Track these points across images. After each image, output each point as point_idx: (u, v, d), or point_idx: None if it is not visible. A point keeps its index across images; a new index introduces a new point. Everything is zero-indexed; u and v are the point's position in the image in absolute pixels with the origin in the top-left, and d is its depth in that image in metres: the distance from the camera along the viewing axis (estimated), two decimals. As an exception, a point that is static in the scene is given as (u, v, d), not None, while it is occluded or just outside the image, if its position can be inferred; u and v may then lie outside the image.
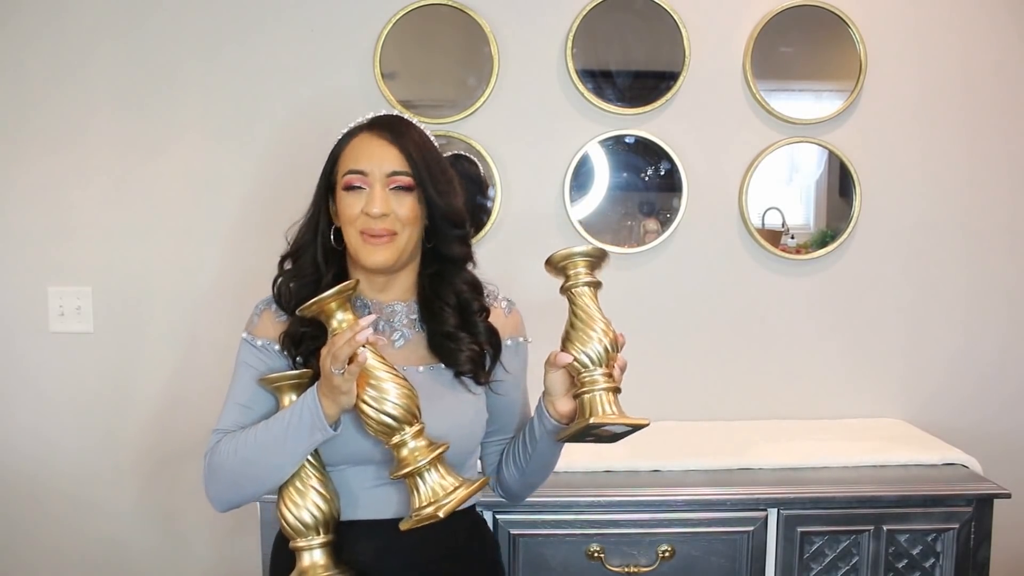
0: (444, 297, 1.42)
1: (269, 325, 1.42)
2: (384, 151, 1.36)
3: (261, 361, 1.40)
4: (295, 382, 1.36)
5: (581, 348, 1.28)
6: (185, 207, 2.32)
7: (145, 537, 2.40)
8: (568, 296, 1.32)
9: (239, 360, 1.42)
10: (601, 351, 1.28)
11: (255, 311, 1.44)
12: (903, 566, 1.96)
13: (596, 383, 1.28)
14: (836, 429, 2.31)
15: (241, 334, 1.44)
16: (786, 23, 2.31)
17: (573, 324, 1.30)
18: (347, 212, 1.36)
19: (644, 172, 2.36)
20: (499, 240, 2.33)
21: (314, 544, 1.34)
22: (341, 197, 1.37)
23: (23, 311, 2.33)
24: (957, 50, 2.35)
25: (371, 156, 1.36)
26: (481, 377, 1.42)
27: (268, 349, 1.41)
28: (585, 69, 2.30)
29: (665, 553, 1.92)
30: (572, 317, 1.31)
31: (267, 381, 1.36)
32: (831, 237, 2.37)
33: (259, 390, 1.39)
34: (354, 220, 1.36)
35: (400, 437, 1.26)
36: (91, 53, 2.28)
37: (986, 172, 2.38)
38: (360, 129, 1.40)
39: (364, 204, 1.34)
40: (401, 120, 1.41)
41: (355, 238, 1.36)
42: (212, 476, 1.36)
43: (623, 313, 2.36)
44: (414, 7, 2.27)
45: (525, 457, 1.46)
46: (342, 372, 1.23)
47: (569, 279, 1.32)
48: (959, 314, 2.41)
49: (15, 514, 2.38)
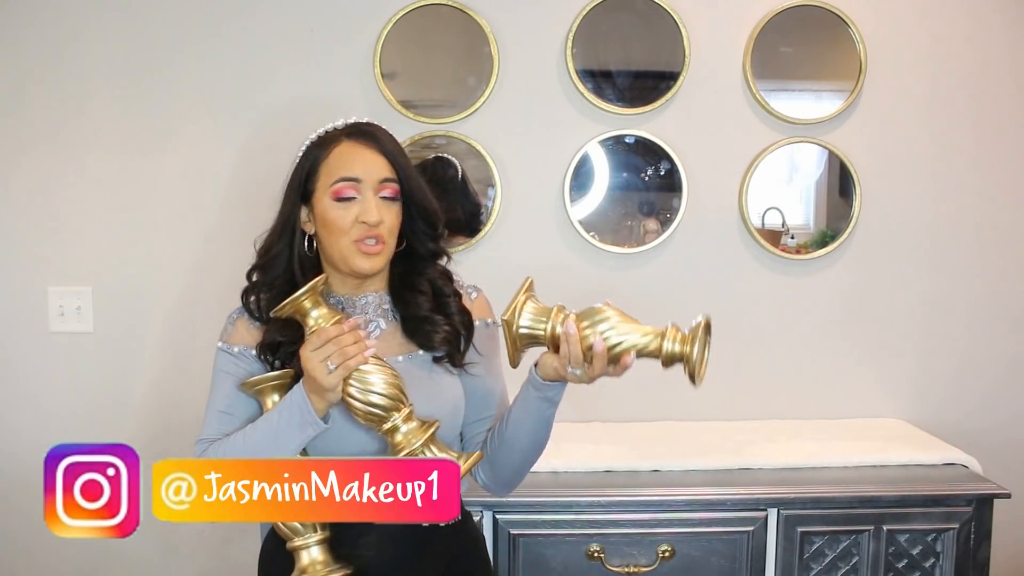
0: (417, 285, 1.44)
1: (244, 332, 1.43)
2: (374, 159, 1.38)
3: (239, 367, 1.41)
4: (277, 383, 1.37)
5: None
6: (185, 207, 2.32)
7: (144, 538, 2.39)
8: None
9: (216, 369, 1.43)
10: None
11: (228, 321, 1.45)
12: (903, 566, 1.96)
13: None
14: (836, 429, 2.31)
15: (217, 343, 1.45)
16: (786, 23, 2.31)
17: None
18: (339, 222, 1.36)
19: (644, 172, 2.36)
20: (499, 240, 2.32)
21: (311, 542, 1.35)
22: (329, 206, 1.37)
23: (23, 311, 2.33)
24: (957, 50, 2.35)
25: (364, 164, 1.37)
26: (457, 359, 1.44)
27: (245, 355, 1.42)
28: (585, 69, 2.30)
29: (665, 553, 1.92)
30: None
31: (248, 385, 1.37)
32: (831, 237, 2.37)
33: (239, 396, 1.39)
34: (347, 230, 1.36)
35: (392, 423, 1.30)
36: (90, 53, 2.28)
37: (987, 171, 2.38)
38: (338, 137, 1.40)
39: (359, 213, 1.36)
40: (378, 127, 1.43)
41: (347, 247, 1.37)
42: None
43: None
44: (414, 7, 2.27)
45: (516, 421, 1.41)
46: (334, 369, 1.26)
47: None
48: (959, 314, 2.41)
49: (15, 514, 2.37)
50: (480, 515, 1.90)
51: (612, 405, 2.38)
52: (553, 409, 1.40)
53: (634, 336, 1.30)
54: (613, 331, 1.29)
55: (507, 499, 1.89)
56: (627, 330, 1.30)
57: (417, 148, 2.29)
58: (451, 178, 2.31)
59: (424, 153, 2.31)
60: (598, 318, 1.30)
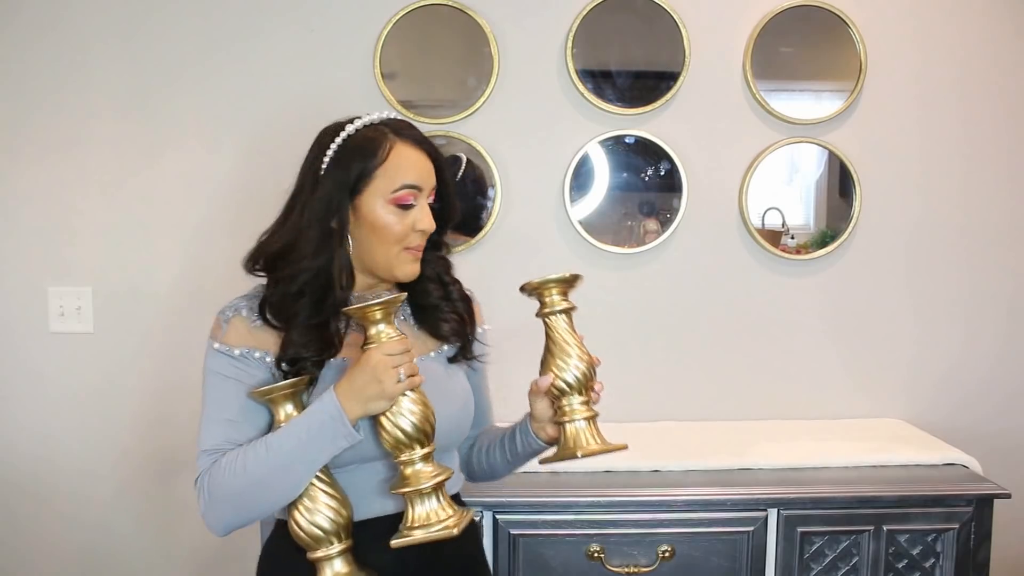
0: (425, 273, 1.43)
1: (244, 333, 1.33)
2: (428, 166, 1.36)
3: (242, 371, 1.32)
4: (291, 391, 1.29)
5: (558, 375, 1.34)
6: (185, 207, 2.32)
7: (145, 536, 2.40)
8: (544, 322, 1.37)
9: (213, 372, 1.33)
10: (579, 376, 1.34)
11: (223, 319, 1.35)
12: (903, 566, 1.96)
13: (576, 412, 1.35)
14: (836, 429, 2.31)
15: (211, 344, 1.34)
16: (786, 23, 2.31)
17: (550, 350, 1.36)
18: (394, 228, 1.33)
19: (644, 172, 2.36)
20: (499, 240, 2.33)
21: (333, 553, 1.29)
22: (384, 211, 1.32)
23: (23, 311, 2.33)
24: (957, 50, 2.35)
25: (423, 171, 1.35)
26: (468, 351, 1.45)
27: (248, 358, 1.32)
28: (585, 69, 2.30)
29: (665, 553, 1.92)
30: (549, 343, 1.36)
31: (260, 393, 1.28)
32: (831, 237, 2.37)
33: (248, 403, 1.31)
34: (402, 237, 1.34)
35: (409, 455, 1.28)
36: (90, 53, 2.28)
37: (986, 172, 2.38)
38: (386, 135, 1.34)
39: (416, 221, 1.34)
40: (417, 128, 1.40)
41: (396, 253, 1.34)
42: (213, 501, 1.28)
43: (623, 313, 2.38)
44: (414, 7, 2.27)
45: (502, 462, 1.50)
46: (403, 380, 1.24)
47: (544, 306, 1.36)
48: (959, 314, 2.41)
49: (16, 513, 2.38)
50: (480, 515, 1.90)
51: (613, 405, 2.38)
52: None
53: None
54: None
55: (507, 499, 1.91)
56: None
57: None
58: (457, 177, 2.31)
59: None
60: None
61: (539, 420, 1.41)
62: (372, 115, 1.37)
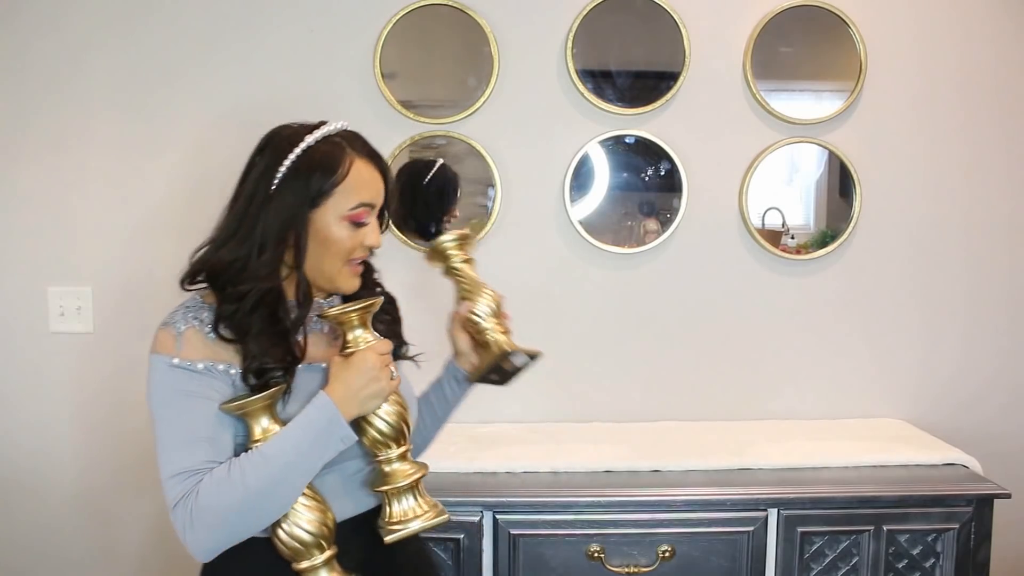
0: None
1: (201, 346, 1.28)
2: (380, 184, 1.38)
3: (207, 386, 1.26)
4: (268, 403, 1.26)
5: (475, 308, 1.50)
6: (185, 207, 2.31)
7: (144, 536, 2.40)
8: (452, 275, 1.53)
9: (174, 390, 1.25)
10: (493, 305, 1.51)
11: (174, 331, 1.28)
12: (903, 566, 1.96)
13: (495, 329, 1.51)
14: (836, 429, 2.31)
15: (167, 361, 1.26)
16: (786, 23, 2.31)
17: (463, 294, 1.52)
18: (345, 243, 1.33)
19: (644, 172, 2.36)
20: (499, 240, 2.32)
21: (318, 564, 1.28)
22: (337, 226, 1.32)
23: (23, 311, 2.33)
24: (957, 50, 2.35)
25: (377, 190, 1.37)
26: (402, 344, 1.51)
27: (212, 371, 1.27)
28: (585, 69, 2.30)
29: (665, 553, 1.92)
30: (461, 289, 1.52)
31: (235, 407, 1.24)
32: (831, 237, 2.37)
33: (220, 418, 1.25)
34: (351, 252, 1.35)
35: (386, 454, 1.32)
36: (91, 53, 2.28)
37: (987, 171, 2.38)
38: (344, 150, 1.33)
39: (365, 237, 1.35)
40: (371, 144, 1.40)
41: (339, 268, 1.35)
42: (202, 521, 1.21)
43: (623, 313, 2.38)
44: (414, 7, 2.27)
45: (431, 419, 1.57)
46: (394, 378, 1.30)
47: (449, 259, 1.52)
48: (959, 314, 2.41)
49: (16, 512, 2.38)
50: (480, 515, 1.90)
51: (612, 405, 2.39)
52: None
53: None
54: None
55: (507, 499, 1.91)
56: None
57: (417, 148, 2.30)
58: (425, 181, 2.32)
59: (424, 153, 2.32)
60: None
61: (462, 352, 1.52)
62: (329, 126, 1.36)
